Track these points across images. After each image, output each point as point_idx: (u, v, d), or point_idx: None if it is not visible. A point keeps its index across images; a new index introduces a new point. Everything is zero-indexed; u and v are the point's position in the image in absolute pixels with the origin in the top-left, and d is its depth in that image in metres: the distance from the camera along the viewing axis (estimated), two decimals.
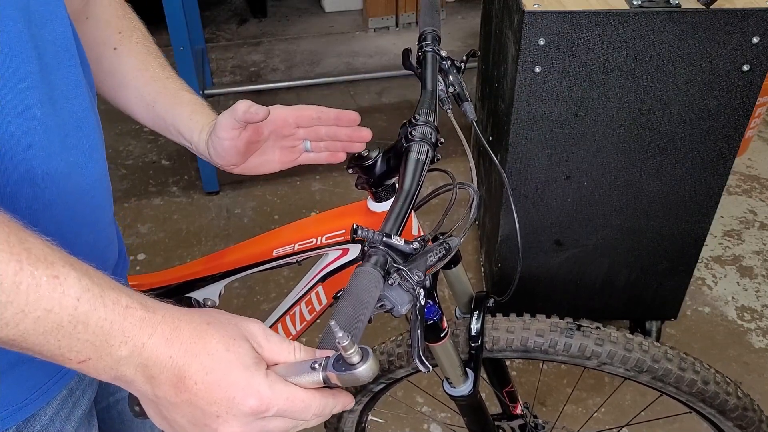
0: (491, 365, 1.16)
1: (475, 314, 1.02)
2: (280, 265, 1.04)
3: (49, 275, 0.46)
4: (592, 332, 1.03)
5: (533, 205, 1.64)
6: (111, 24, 0.86)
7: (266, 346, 0.54)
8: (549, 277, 1.79)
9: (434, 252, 0.67)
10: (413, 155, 0.74)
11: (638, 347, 1.02)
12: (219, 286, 1.09)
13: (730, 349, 1.95)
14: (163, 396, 0.50)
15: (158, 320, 0.50)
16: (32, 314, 0.45)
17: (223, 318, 0.53)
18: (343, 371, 0.51)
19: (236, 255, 1.05)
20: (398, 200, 0.70)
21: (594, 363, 1.04)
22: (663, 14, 1.34)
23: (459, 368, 1.02)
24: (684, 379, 1.02)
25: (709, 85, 1.43)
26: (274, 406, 0.51)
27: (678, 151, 1.54)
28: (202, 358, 0.50)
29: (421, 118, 0.78)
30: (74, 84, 0.65)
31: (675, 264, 1.76)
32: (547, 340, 1.03)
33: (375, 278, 0.60)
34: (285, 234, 1.02)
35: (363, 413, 1.30)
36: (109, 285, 0.49)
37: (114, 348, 0.48)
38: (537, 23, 1.35)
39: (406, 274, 0.62)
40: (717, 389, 1.02)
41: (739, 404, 1.04)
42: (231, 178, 2.64)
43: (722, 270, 2.22)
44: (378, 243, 0.62)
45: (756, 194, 2.55)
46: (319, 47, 3.60)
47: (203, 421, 0.51)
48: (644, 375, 1.03)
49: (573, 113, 1.47)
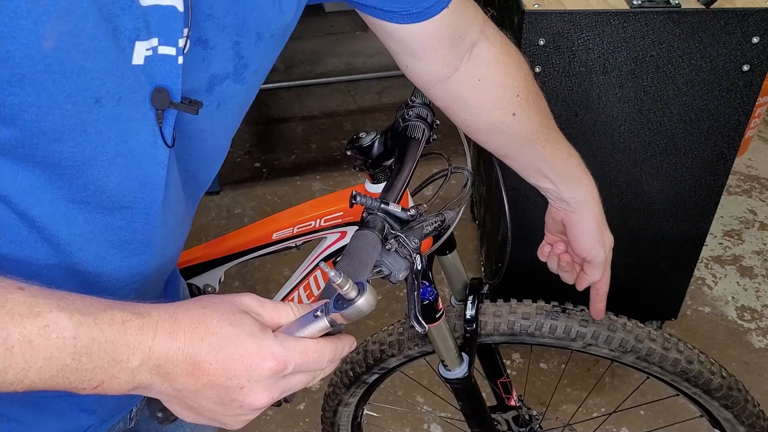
0: (485, 355, 1.18)
1: (470, 299, 1.05)
2: (280, 249, 1.05)
3: (39, 326, 0.45)
4: (576, 314, 1.05)
5: (533, 205, 1.64)
6: (507, 86, 0.79)
7: (264, 313, 0.55)
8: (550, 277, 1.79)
9: (430, 221, 0.68)
10: (409, 133, 0.77)
11: (622, 327, 1.04)
12: (219, 272, 1.10)
13: (730, 349, 1.95)
14: (183, 387, 0.51)
15: (155, 321, 0.50)
16: (33, 367, 0.45)
17: (216, 299, 0.54)
18: (346, 308, 0.52)
19: (236, 240, 1.06)
20: (396, 174, 0.72)
21: (579, 344, 1.06)
22: (663, 14, 1.34)
23: (454, 351, 1.04)
24: (668, 358, 1.03)
25: (709, 85, 1.43)
26: (291, 362, 0.52)
27: (678, 151, 1.54)
28: (209, 339, 0.50)
29: (417, 100, 0.81)
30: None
31: (675, 264, 1.76)
32: (532, 322, 1.05)
33: (373, 240, 0.61)
34: (284, 218, 1.03)
35: (358, 407, 1.30)
36: (100, 307, 0.49)
37: (124, 363, 0.48)
38: (537, 23, 1.35)
39: (404, 240, 0.63)
40: (701, 368, 1.04)
41: (723, 383, 1.05)
42: (231, 178, 2.64)
43: (722, 270, 2.22)
44: (376, 209, 0.64)
45: (756, 194, 2.55)
46: (319, 47, 3.60)
47: (229, 397, 0.51)
48: (628, 355, 1.05)
49: (573, 113, 1.47)
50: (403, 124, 0.79)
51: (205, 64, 0.55)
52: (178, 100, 0.52)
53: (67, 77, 0.46)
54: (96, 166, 0.52)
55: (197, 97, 0.55)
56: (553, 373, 1.88)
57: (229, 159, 2.75)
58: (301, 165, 2.73)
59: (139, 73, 0.49)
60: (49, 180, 0.51)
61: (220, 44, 0.55)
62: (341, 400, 1.26)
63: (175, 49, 0.50)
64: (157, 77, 0.51)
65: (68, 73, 0.46)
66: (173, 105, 0.52)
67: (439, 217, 0.70)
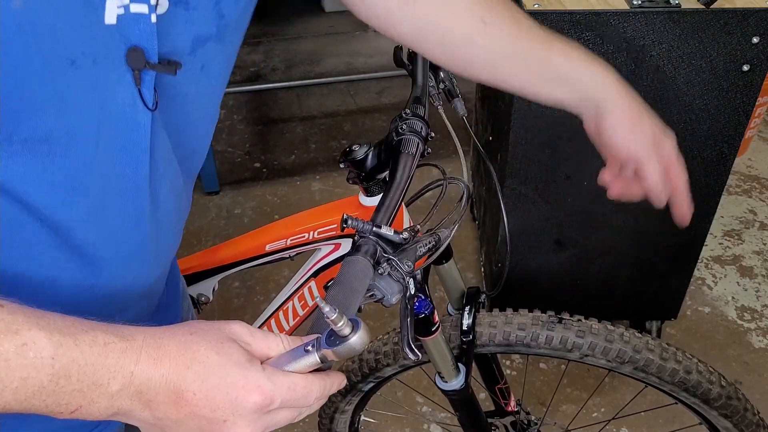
0: (483, 362, 1.17)
1: (467, 309, 1.03)
2: (273, 260, 1.05)
3: (17, 345, 0.44)
4: (573, 324, 1.04)
5: (533, 205, 1.64)
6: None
7: (253, 343, 0.53)
8: (549, 277, 1.79)
9: (424, 243, 0.67)
10: (403, 148, 0.75)
11: (619, 338, 1.03)
12: (212, 281, 1.10)
13: (730, 349, 1.95)
14: (164, 416, 0.49)
15: (139, 345, 0.48)
16: (9, 387, 0.44)
17: (204, 325, 0.52)
18: (338, 345, 0.51)
19: (229, 250, 1.06)
20: (389, 192, 0.70)
21: (576, 355, 1.05)
22: (663, 14, 1.33)
23: (450, 362, 1.03)
24: (666, 368, 1.03)
25: (709, 85, 1.43)
26: (277, 397, 0.50)
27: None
28: (194, 368, 0.49)
29: (412, 112, 0.79)
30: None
31: (675, 264, 1.76)
32: (528, 333, 1.04)
33: (365, 267, 0.60)
34: (277, 229, 1.02)
35: (355, 413, 1.30)
36: (82, 328, 0.47)
37: (104, 387, 0.47)
38: None
39: (396, 264, 0.62)
40: (699, 378, 1.03)
41: (722, 393, 1.04)
42: (231, 178, 2.64)
43: (722, 270, 2.22)
44: (368, 233, 0.63)
45: (756, 194, 2.55)
46: (319, 47, 3.60)
47: (211, 429, 0.50)
48: (626, 366, 1.04)
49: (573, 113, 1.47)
50: (396, 138, 0.77)
51: (188, 26, 0.54)
52: (155, 60, 0.51)
53: (39, 38, 0.44)
54: (82, 139, 0.51)
55: (182, 59, 0.54)
56: (553, 373, 1.88)
57: (229, 159, 2.75)
58: (300, 165, 2.72)
59: (113, 33, 0.48)
60: (42, 165, 0.50)
61: (201, 4, 0.54)
62: (337, 407, 1.26)
63: (148, 7, 0.49)
64: (131, 36, 0.49)
65: (40, 33, 0.44)
66: (150, 65, 0.51)
67: (434, 237, 0.69)
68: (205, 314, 1.41)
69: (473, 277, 2.15)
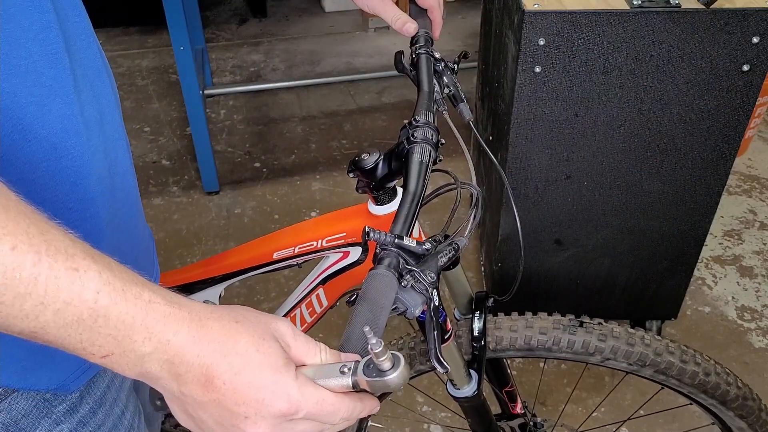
0: (491, 365, 1.16)
1: (477, 314, 1.02)
2: (280, 268, 1.04)
3: (69, 267, 0.44)
4: (594, 328, 1.04)
5: (533, 205, 1.64)
6: None
7: (294, 346, 0.53)
8: (549, 277, 1.79)
9: (444, 252, 0.66)
10: (416, 157, 0.74)
11: (640, 341, 1.03)
12: (219, 288, 1.09)
13: (730, 349, 1.95)
14: (189, 394, 0.50)
15: (184, 316, 0.48)
16: (51, 306, 0.44)
17: (252, 316, 0.52)
18: (374, 377, 0.50)
19: (236, 257, 1.05)
20: (405, 202, 0.70)
21: (597, 359, 1.04)
22: (663, 14, 1.34)
23: (463, 369, 1.02)
24: (686, 371, 1.03)
25: (709, 85, 1.43)
26: (303, 409, 0.50)
27: (678, 151, 1.54)
28: (231, 358, 0.49)
29: (422, 120, 0.78)
30: (86, 35, 0.63)
31: (675, 264, 1.76)
32: (550, 337, 1.03)
33: (390, 281, 0.60)
34: (285, 237, 1.02)
35: (363, 419, 1.30)
36: (132, 279, 0.48)
37: (137, 344, 0.47)
38: (537, 23, 1.35)
39: (419, 275, 0.61)
40: (718, 380, 1.04)
41: (739, 394, 1.05)
42: (231, 178, 2.64)
43: (722, 270, 2.22)
44: (390, 245, 0.62)
45: (756, 194, 2.55)
46: (319, 47, 3.60)
47: (231, 421, 0.50)
48: (647, 369, 1.04)
49: (573, 113, 1.47)
50: (408, 146, 0.76)
51: None
52: None
53: None
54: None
55: None
56: (553, 373, 1.88)
57: (229, 159, 2.75)
58: (300, 165, 2.72)
59: None
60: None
61: None
62: None
63: None
64: None
65: None
66: None
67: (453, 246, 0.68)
68: None
69: (473, 276, 2.15)
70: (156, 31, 3.71)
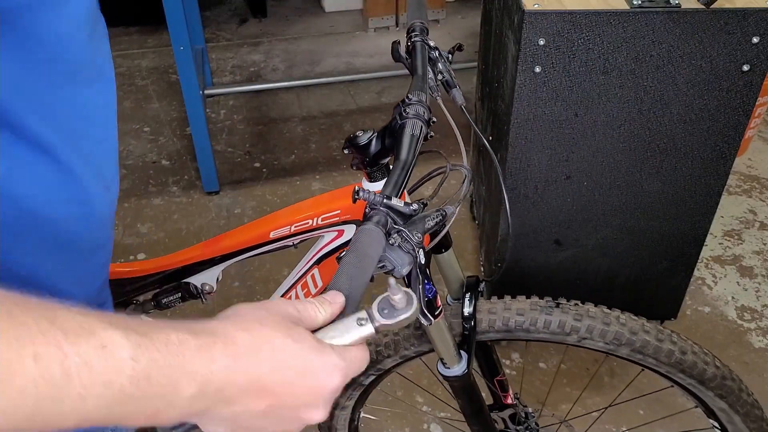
0: (482, 354, 1.18)
1: (467, 296, 1.05)
2: (277, 248, 1.06)
3: (95, 347, 0.40)
4: (570, 309, 1.06)
5: (533, 205, 1.64)
6: None
7: (302, 317, 0.53)
8: (549, 277, 1.79)
9: (432, 216, 0.70)
10: (408, 130, 0.78)
11: (616, 321, 1.05)
12: (216, 270, 1.10)
13: (730, 349, 1.95)
14: (243, 410, 0.48)
15: (215, 342, 0.46)
16: (93, 392, 0.40)
17: (260, 311, 0.51)
18: (395, 316, 0.53)
19: (233, 239, 1.07)
20: (396, 168, 0.73)
21: (574, 338, 1.06)
22: (663, 14, 1.34)
23: (453, 348, 1.04)
24: (662, 350, 1.04)
25: (709, 85, 1.43)
26: (350, 372, 0.52)
27: (678, 151, 1.54)
28: (275, 361, 0.48)
29: (414, 98, 0.82)
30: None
31: (675, 264, 1.76)
32: (527, 318, 1.06)
33: (378, 235, 0.62)
34: (281, 216, 1.03)
35: (355, 409, 1.30)
36: (152, 326, 0.45)
37: (183, 389, 0.44)
38: (537, 23, 1.35)
39: (407, 234, 0.64)
40: (695, 359, 1.05)
41: (717, 373, 1.06)
42: (231, 178, 2.64)
43: (722, 270, 2.22)
44: (379, 204, 0.64)
45: (756, 194, 2.55)
46: (319, 47, 3.60)
47: (292, 415, 0.50)
48: (623, 348, 1.05)
49: (573, 113, 1.47)
50: (400, 121, 0.80)
51: None
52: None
53: None
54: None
55: None
56: (552, 373, 1.88)
57: (229, 159, 2.75)
58: (300, 165, 2.72)
59: None
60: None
61: None
62: (338, 403, 1.26)
63: None
64: None
65: None
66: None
67: (440, 212, 0.72)
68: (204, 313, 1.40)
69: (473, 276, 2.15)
70: (156, 31, 3.71)
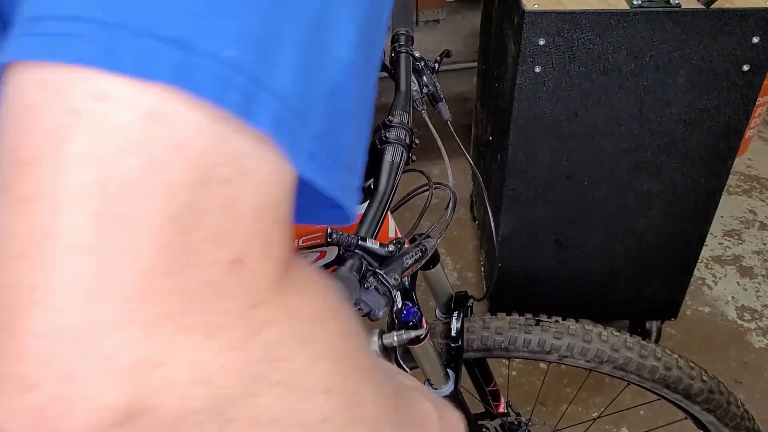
0: (471, 366, 1.16)
1: (455, 314, 1.02)
2: None
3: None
4: (551, 326, 1.04)
5: (533, 205, 1.64)
6: None
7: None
8: (549, 278, 1.79)
9: (411, 254, 0.67)
10: (388, 157, 0.73)
11: (597, 338, 1.04)
12: None
13: (730, 349, 1.95)
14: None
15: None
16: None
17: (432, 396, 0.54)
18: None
19: None
20: (373, 203, 0.69)
21: (555, 357, 1.05)
22: (663, 14, 1.33)
23: (440, 369, 1.01)
24: (645, 366, 1.03)
25: (709, 85, 1.43)
26: None
27: (678, 151, 1.54)
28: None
29: (395, 120, 0.77)
30: None
31: (675, 264, 1.76)
32: (506, 337, 1.04)
33: (351, 283, 0.60)
34: None
35: None
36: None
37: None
38: (537, 23, 1.35)
39: (383, 277, 0.61)
40: (680, 374, 1.04)
41: (704, 387, 1.05)
42: None
43: (722, 270, 2.22)
44: (353, 246, 0.62)
45: (756, 194, 2.55)
46: None
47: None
48: (605, 365, 1.04)
49: (573, 113, 1.47)
50: (380, 146, 0.76)
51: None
52: None
53: None
54: None
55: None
56: (554, 374, 1.88)
57: None
58: None
59: None
60: None
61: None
62: None
63: None
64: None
65: None
66: None
67: (420, 247, 0.69)
68: None
69: (473, 276, 2.15)
70: None
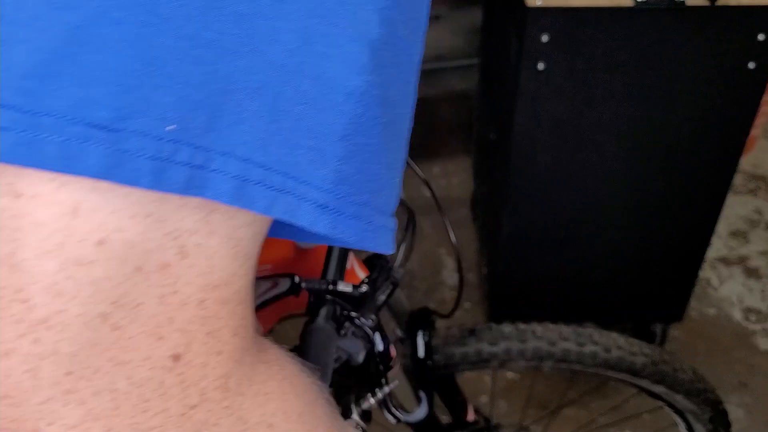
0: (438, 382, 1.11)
1: (420, 334, 0.98)
2: None
3: None
4: (485, 333, 1.04)
5: (535, 205, 1.63)
6: None
7: None
8: (551, 279, 1.77)
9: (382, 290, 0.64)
10: None
11: (532, 336, 1.03)
12: None
13: (735, 351, 1.93)
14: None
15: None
16: None
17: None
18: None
19: None
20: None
21: (495, 363, 1.04)
22: (668, 11, 1.32)
23: (411, 394, 0.96)
24: (584, 353, 1.02)
25: (714, 82, 1.41)
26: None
27: (683, 150, 1.52)
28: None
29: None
30: None
31: (680, 265, 1.74)
32: (442, 355, 1.03)
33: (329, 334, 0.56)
34: None
35: None
36: None
37: None
38: (540, 19, 1.33)
39: (360, 321, 0.58)
40: (620, 353, 1.03)
41: (647, 361, 1.04)
42: None
43: (728, 271, 2.19)
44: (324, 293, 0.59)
45: (762, 194, 2.53)
46: None
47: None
48: (547, 361, 1.04)
49: (577, 111, 1.46)
50: None
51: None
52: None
53: None
54: None
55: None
56: (555, 376, 1.86)
57: None
58: None
59: None
60: None
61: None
62: None
63: None
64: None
65: None
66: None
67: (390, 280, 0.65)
68: None
69: (473, 278, 2.13)
70: None
